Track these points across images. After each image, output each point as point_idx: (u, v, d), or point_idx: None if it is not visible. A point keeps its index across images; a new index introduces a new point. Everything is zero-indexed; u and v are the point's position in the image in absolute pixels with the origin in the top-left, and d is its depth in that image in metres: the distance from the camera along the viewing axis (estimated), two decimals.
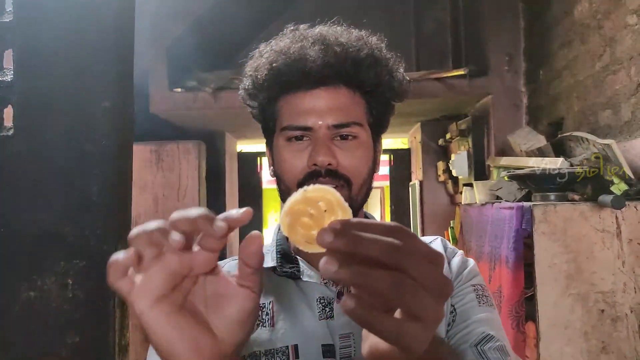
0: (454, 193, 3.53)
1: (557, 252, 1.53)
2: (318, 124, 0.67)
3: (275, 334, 0.67)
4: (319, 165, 0.66)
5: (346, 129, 0.68)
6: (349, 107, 0.69)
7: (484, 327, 0.68)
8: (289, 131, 0.69)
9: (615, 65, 1.82)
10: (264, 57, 0.72)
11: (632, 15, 1.70)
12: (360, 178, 0.69)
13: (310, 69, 0.67)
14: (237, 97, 0.78)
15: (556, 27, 2.37)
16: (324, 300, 0.69)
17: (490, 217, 1.89)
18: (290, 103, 0.70)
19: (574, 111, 2.18)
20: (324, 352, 0.65)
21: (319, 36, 0.71)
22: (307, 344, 0.66)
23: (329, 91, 0.69)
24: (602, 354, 1.50)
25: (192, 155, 3.09)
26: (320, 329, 0.67)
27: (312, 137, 0.68)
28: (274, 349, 0.66)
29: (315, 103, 0.68)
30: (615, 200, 1.45)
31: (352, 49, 0.69)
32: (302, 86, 0.69)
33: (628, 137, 1.72)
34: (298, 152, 0.69)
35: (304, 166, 0.67)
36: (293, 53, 0.68)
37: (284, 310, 0.69)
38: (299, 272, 0.71)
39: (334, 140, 0.68)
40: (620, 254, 1.52)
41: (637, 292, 1.51)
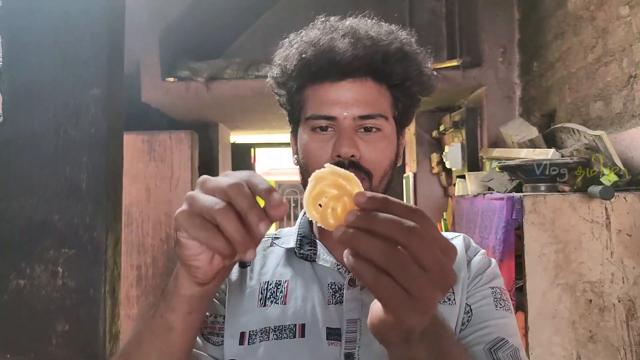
0: (448, 185, 3.53)
1: (546, 242, 1.54)
2: (343, 114, 0.69)
3: (286, 312, 0.70)
4: (342, 157, 0.67)
5: (371, 120, 0.69)
6: (374, 100, 0.70)
7: (499, 331, 0.69)
8: (314, 120, 0.70)
9: (607, 57, 1.83)
10: (293, 47, 0.73)
11: (625, 6, 1.70)
12: (382, 171, 0.71)
13: (338, 61, 0.68)
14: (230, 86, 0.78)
15: (550, 19, 2.37)
16: (334, 285, 0.71)
17: (481, 208, 1.89)
18: (317, 93, 0.71)
19: (567, 103, 2.19)
20: (328, 335, 0.68)
21: (349, 29, 0.71)
22: (314, 325, 0.68)
23: (356, 83, 0.69)
24: (589, 343, 1.52)
25: (184, 145, 3.08)
26: (328, 313, 0.69)
27: (337, 128, 0.69)
28: (283, 325, 0.68)
29: (342, 94, 0.69)
30: (604, 191, 1.45)
31: (381, 43, 0.70)
32: (329, 77, 0.70)
33: (619, 129, 1.73)
34: (322, 142, 0.70)
35: (328, 157, 0.69)
36: (323, 44, 0.69)
37: (296, 290, 0.71)
38: (315, 255, 0.73)
39: (357, 132, 0.70)
40: (609, 245, 1.53)
41: (625, 282, 1.52)
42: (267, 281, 0.73)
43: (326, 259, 0.73)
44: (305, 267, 0.73)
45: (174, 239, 0.50)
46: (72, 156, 1.46)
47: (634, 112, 1.66)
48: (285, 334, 0.68)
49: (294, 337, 0.67)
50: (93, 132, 1.46)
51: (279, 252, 0.77)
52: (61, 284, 1.44)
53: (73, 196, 1.45)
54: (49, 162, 1.45)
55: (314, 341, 0.67)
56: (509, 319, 0.72)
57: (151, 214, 3.05)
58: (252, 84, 3.02)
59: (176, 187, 3.07)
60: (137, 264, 3.04)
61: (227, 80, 3.04)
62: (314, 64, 0.69)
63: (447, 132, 3.36)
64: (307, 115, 0.71)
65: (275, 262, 0.76)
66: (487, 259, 0.78)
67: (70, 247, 1.45)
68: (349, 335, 0.67)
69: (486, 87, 2.84)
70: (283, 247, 0.77)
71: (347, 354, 0.66)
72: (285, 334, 0.68)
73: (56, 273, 1.44)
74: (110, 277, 1.48)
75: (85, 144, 1.46)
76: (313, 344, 0.67)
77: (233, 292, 0.73)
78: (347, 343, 0.67)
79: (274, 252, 0.78)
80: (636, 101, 1.64)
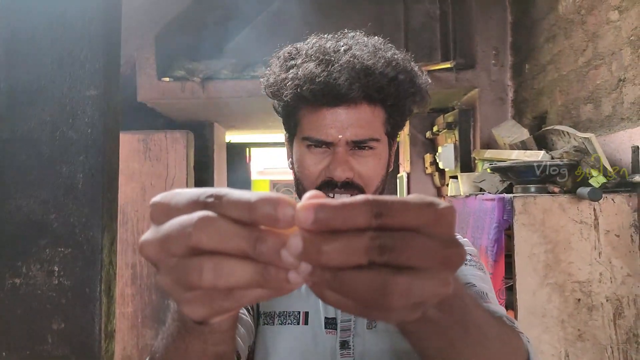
0: (441, 185, 3.56)
1: (536, 242, 1.57)
2: (338, 137, 0.71)
3: (291, 298, 0.73)
4: (336, 180, 0.71)
5: (364, 144, 0.72)
6: (368, 123, 0.72)
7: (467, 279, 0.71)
8: (309, 142, 0.73)
9: (597, 61, 1.86)
10: (289, 75, 0.72)
11: (614, 11, 1.73)
12: (373, 186, 0.74)
13: (334, 93, 0.69)
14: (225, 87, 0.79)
15: (542, 22, 2.40)
16: None
17: (473, 209, 1.92)
18: (312, 116, 0.73)
19: (557, 105, 2.22)
20: (326, 324, 0.72)
21: (344, 57, 0.71)
22: (316, 313, 0.72)
23: (351, 108, 0.71)
24: (578, 342, 1.55)
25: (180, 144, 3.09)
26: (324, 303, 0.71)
27: (331, 150, 0.72)
28: (287, 311, 0.72)
29: (337, 118, 0.71)
30: (593, 193, 1.48)
31: (377, 71, 0.70)
32: (325, 104, 0.72)
33: (608, 131, 1.76)
34: (317, 160, 0.73)
35: (322, 175, 0.72)
36: (319, 81, 0.69)
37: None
38: None
39: (350, 152, 0.72)
40: (597, 245, 1.56)
41: (613, 282, 1.55)
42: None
43: None
44: None
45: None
46: (68, 156, 1.47)
47: (623, 115, 1.69)
48: (290, 320, 0.71)
49: (297, 323, 0.71)
50: (89, 132, 1.47)
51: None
52: (57, 283, 1.46)
53: (69, 196, 1.46)
54: (46, 162, 1.46)
55: (315, 329, 0.71)
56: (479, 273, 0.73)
57: (146, 213, 3.06)
58: (248, 84, 3.04)
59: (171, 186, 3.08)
60: (132, 263, 3.05)
61: (222, 81, 3.05)
62: (309, 97, 0.71)
63: (441, 133, 3.39)
64: (303, 135, 0.74)
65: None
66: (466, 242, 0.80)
67: (66, 246, 1.46)
68: (343, 325, 0.71)
69: (479, 88, 2.87)
70: None
71: (342, 342, 0.70)
72: (289, 320, 0.71)
73: (52, 272, 1.46)
74: (105, 276, 1.49)
75: (81, 144, 1.47)
76: (314, 332, 0.71)
77: None
78: (342, 332, 0.71)
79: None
80: (625, 104, 1.67)
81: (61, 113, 1.48)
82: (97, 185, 1.48)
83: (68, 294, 1.45)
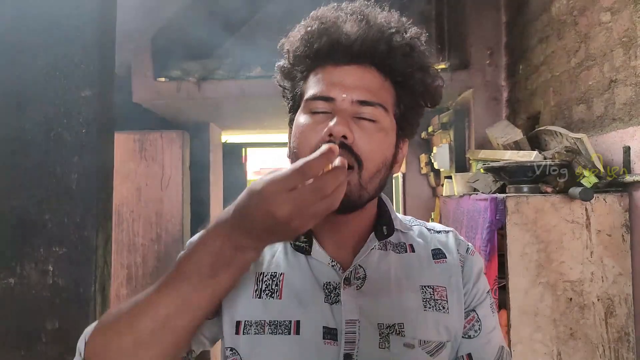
0: (436, 185, 3.58)
1: (528, 242, 1.58)
2: (342, 96, 0.67)
3: (281, 307, 0.69)
4: (334, 135, 0.65)
5: (370, 107, 0.67)
6: (377, 89, 0.68)
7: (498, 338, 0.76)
8: (312, 101, 0.68)
9: (589, 62, 1.87)
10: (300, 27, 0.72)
11: (606, 12, 1.74)
12: (373, 163, 0.67)
13: (342, 41, 0.67)
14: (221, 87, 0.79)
15: (535, 23, 2.42)
16: (330, 285, 0.70)
17: (467, 209, 1.93)
18: (319, 76, 0.70)
19: (550, 105, 2.24)
20: (324, 334, 0.67)
21: (357, 11, 0.70)
22: (309, 322, 0.68)
23: (360, 69, 0.68)
24: (570, 340, 1.56)
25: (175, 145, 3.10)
26: (324, 312, 0.68)
27: (334, 110, 0.67)
28: (278, 320, 0.68)
29: (344, 77, 0.68)
30: (584, 193, 1.50)
31: (389, 31, 0.69)
32: (333, 58, 0.68)
33: (600, 132, 1.77)
34: (316, 124, 0.67)
35: (320, 138, 0.66)
36: (328, 21, 0.69)
37: (292, 285, 0.70)
38: (310, 248, 0.71)
39: (354, 118, 0.67)
40: (589, 245, 1.58)
41: (604, 281, 1.57)
42: (262, 272, 0.72)
43: (320, 252, 0.72)
44: (300, 260, 0.72)
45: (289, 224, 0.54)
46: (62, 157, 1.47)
47: (615, 115, 1.70)
48: (280, 329, 0.67)
49: (289, 333, 0.67)
50: (84, 132, 1.48)
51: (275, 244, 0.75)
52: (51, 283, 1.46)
53: (64, 196, 1.47)
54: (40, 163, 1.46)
55: (309, 339, 0.67)
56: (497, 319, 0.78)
57: (142, 213, 3.06)
58: (244, 84, 3.04)
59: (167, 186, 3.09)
60: (127, 264, 3.05)
61: (218, 81, 3.05)
62: (317, 39, 0.69)
63: (436, 133, 3.40)
64: (306, 97, 0.70)
65: (270, 253, 0.74)
66: (479, 259, 0.79)
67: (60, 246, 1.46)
68: (348, 336, 0.67)
69: (473, 89, 2.88)
70: None
71: (346, 354, 0.66)
72: (280, 330, 0.67)
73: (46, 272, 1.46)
74: (100, 275, 1.50)
75: (76, 144, 1.48)
76: (308, 342, 0.67)
77: None
78: (347, 344, 0.67)
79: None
80: (617, 105, 1.69)
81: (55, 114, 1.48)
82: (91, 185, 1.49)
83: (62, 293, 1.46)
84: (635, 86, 1.58)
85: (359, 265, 0.72)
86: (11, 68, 1.48)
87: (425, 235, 0.79)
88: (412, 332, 0.69)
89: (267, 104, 3.19)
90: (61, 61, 1.49)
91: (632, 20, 1.58)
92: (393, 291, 0.71)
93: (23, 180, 1.46)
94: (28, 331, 1.43)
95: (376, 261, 0.73)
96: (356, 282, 0.70)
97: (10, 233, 1.46)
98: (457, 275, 0.75)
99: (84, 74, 1.49)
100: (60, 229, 1.46)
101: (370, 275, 0.71)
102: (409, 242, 0.77)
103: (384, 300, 0.70)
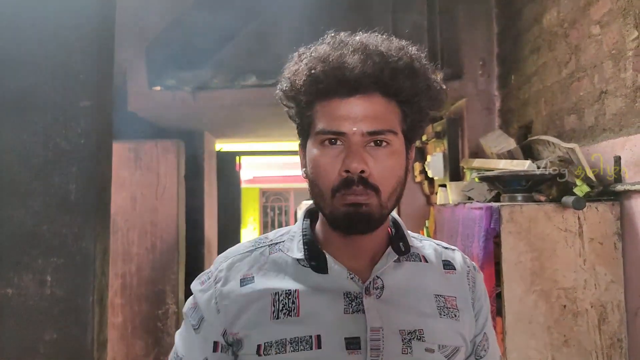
0: (430, 193, 3.60)
1: (522, 250, 1.61)
2: (352, 130, 0.69)
3: (301, 323, 0.71)
4: (351, 172, 0.68)
5: (380, 136, 0.70)
6: (384, 115, 0.71)
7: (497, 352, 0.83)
8: (323, 135, 0.71)
9: (580, 73, 1.91)
10: (303, 62, 0.73)
11: (596, 25, 1.79)
12: (390, 187, 0.71)
13: (347, 78, 0.69)
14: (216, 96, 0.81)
15: (527, 34, 2.46)
16: (350, 295, 0.72)
17: (462, 217, 1.96)
18: (326, 109, 0.71)
19: (542, 115, 2.28)
20: (347, 345, 0.69)
21: (358, 44, 0.72)
22: (330, 335, 0.70)
23: (365, 99, 0.70)
24: (563, 347, 1.58)
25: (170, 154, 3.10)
26: (344, 322, 0.70)
27: (346, 143, 0.70)
28: (299, 337, 0.70)
29: (351, 110, 0.70)
30: (576, 202, 1.53)
31: (390, 59, 0.70)
32: (338, 93, 0.70)
33: (591, 142, 1.81)
34: (332, 157, 0.70)
35: (337, 173, 0.70)
36: (332, 61, 0.70)
37: (309, 301, 0.72)
38: (326, 268, 0.74)
39: (366, 147, 0.70)
40: (582, 252, 1.60)
41: (597, 288, 1.59)
42: (277, 292, 0.73)
43: (336, 268, 0.74)
44: (315, 277, 0.74)
45: None
46: (61, 167, 1.48)
47: (605, 125, 1.74)
48: (302, 345, 0.69)
49: (310, 348, 0.69)
50: (82, 143, 1.49)
51: (283, 261, 0.77)
52: (49, 293, 1.46)
53: (62, 206, 1.47)
54: (39, 173, 1.47)
55: (331, 351, 0.69)
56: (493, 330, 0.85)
57: (137, 222, 3.06)
58: (239, 94, 3.06)
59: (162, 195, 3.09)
60: (121, 273, 3.04)
61: (213, 90, 3.07)
62: (322, 81, 0.70)
63: (430, 141, 3.43)
64: (316, 130, 0.72)
65: (282, 272, 0.76)
66: (481, 274, 0.85)
67: (58, 256, 1.47)
68: (373, 344, 0.69)
69: (467, 98, 2.92)
70: (289, 256, 0.77)
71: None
72: (302, 346, 0.69)
73: (44, 282, 1.46)
74: (98, 285, 1.50)
75: (74, 155, 1.49)
76: (331, 354, 0.69)
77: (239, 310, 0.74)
78: (372, 351, 0.69)
79: (276, 261, 0.77)
80: (607, 115, 1.73)
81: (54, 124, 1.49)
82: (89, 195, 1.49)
83: (60, 304, 1.46)
84: (625, 97, 1.61)
85: (377, 276, 0.75)
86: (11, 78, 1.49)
87: (435, 248, 0.83)
88: (432, 338, 0.73)
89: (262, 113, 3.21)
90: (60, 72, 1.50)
91: (621, 33, 1.62)
92: (410, 298, 0.75)
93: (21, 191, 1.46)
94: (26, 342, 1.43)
95: (392, 271, 0.76)
96: (375, 291, 0.73)
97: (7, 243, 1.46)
98: (465, 288, 0.80)
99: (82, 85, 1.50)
100: (58, 240, 1.47)
101: (388, 284, 0.75)
102: (421, 253, 0.81)
103: (403, 307, 0.74)
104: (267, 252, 0.78)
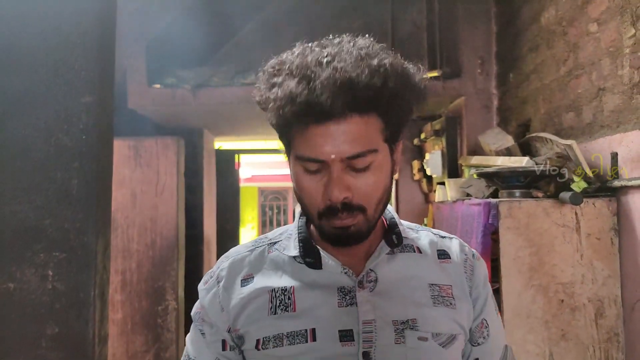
0: (428, 191, 3.62)
1: (521, 245, 1.62)
2: (331, 157, 0.67)
3: (297, 318, 0.73)
4: (333, 202, 0.68)
5: (360, 158, 0.68)
6: (362, 136, 0.68)
7: (502, 338, 0.84)
8: (303, 162, 0.70)
9: (578, 70, 1.93)
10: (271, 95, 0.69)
11: (594, 23, 1.80)
12: (375, 200, 0.71)
13: (319, 110, 0.65)
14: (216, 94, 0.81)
15: (525, 32, 2.48)
16: (344, 289, 0.74)
17: (460, 213, 1.97)
18: (302, 134, 0.69)
19: (541, 113, 2.29)
20: (341, 337, 0.72)
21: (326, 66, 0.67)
22: (324, 328, 0.72)
23: (341, 122, 0.67)
24: (561, 341, 1.60)
25: (170, 151, 3.11)
26: (338, 316, 0.73)
27: (327, 169, 0.69)
28: (295, 331, 0.72)
29: (327, 136, 0.67)
30: (574, 197, 1.54)
31: (362, 82, 0.65)
32: (314, 120, 0.67)
33: (589, 138, 1.82)
34: (315, 182, 0.70)
35: (321, 198, 0.70)
36: (300, 101, 0.65)
37: (304, 296, 0.75)
38: (320, 264, 0.76)
39: (347, 169, 0.69)
40: (579, 248, 1.62)
41: (594, 283, 1.61)
42: (274, 289, 0.76)
43: (331, 264, 0.75)
44: (311, 273, 0.76)
45: None
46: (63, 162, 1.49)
47: (603, 122, 1.75)
48: (298, 339, 0.72)
49: (305, 341, 0.71)
50: (84, 138, 1.50)
51: (280, 259, 0.79)
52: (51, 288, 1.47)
53: (64, 201, 1.48)
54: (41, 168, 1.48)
55: (326, 343, 0.71)
56: (500, 321, 0.85)
57: (137, 219, 3.07)
58: (238, 92, 3.07)
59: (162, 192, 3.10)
60: (122, 269, 3.05)
61: (213, 88, 3.08)
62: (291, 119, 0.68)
63: (428, 139, 3.45)
64: (296, 154, 0.71)
65: (279, 270, 0.78)
66: (485, 265, 0.85)
67: (60, 251, 1.47)
68: (365, 335, 0.71)
69: (465, 97, 2.93)
70: (285, 254, 0.79)
71: (364, 352, 0.71)
72: (297, 339, 0.72)
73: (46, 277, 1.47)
74: (99, 281, 1.51)
75: (76, 150, 1.49)
76: (325, 346, 0.71)
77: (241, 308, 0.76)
78: (365, 342, 0.71)
79: (274, 259, 0.79)
80: (605, 112, 1.74)
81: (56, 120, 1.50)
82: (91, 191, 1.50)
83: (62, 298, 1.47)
84: (622, 94, 1.63)
85: (370, 269, 0.76)
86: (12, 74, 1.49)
87: (431, 238, 0.84)
88: (425, 326, 0.74)
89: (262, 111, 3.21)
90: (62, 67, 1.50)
91: (618, 31, 1.64)
92: (404, 289, 0.76)
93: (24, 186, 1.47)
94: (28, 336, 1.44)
95: (385, 263, 0.77)
96: (369, 284, 0.75)
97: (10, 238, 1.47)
98: (462, 276, 0.80)
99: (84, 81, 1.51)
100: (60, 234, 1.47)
101: (381, 277, 0.76)
102: (415, 244, 0.81)
103: (397, 298, 0.75)
104: (266, 252, 0.81)
